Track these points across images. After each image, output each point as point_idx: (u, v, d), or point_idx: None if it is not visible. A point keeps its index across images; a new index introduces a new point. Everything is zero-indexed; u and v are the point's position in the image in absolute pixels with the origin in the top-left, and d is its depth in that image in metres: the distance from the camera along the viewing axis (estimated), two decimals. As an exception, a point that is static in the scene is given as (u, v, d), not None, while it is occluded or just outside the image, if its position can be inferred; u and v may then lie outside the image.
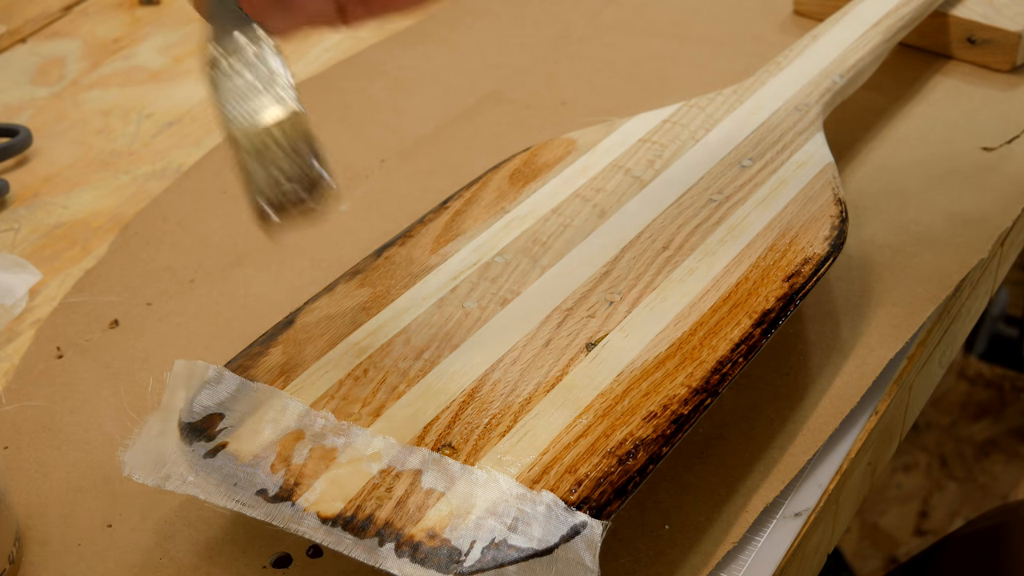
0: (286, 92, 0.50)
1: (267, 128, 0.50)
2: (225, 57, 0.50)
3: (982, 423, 1.73)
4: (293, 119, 0.50)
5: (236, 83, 0.50)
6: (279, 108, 0.50)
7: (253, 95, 0.50)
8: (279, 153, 0.50)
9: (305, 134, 0.50)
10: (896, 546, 1.57)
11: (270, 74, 0.50)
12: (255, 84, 0.50)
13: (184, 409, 0.55)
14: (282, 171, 0.50)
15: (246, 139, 0.50)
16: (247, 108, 0.50)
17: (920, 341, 0.69)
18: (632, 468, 0.53)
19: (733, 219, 0.67)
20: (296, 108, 0.50)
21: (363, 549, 0.50)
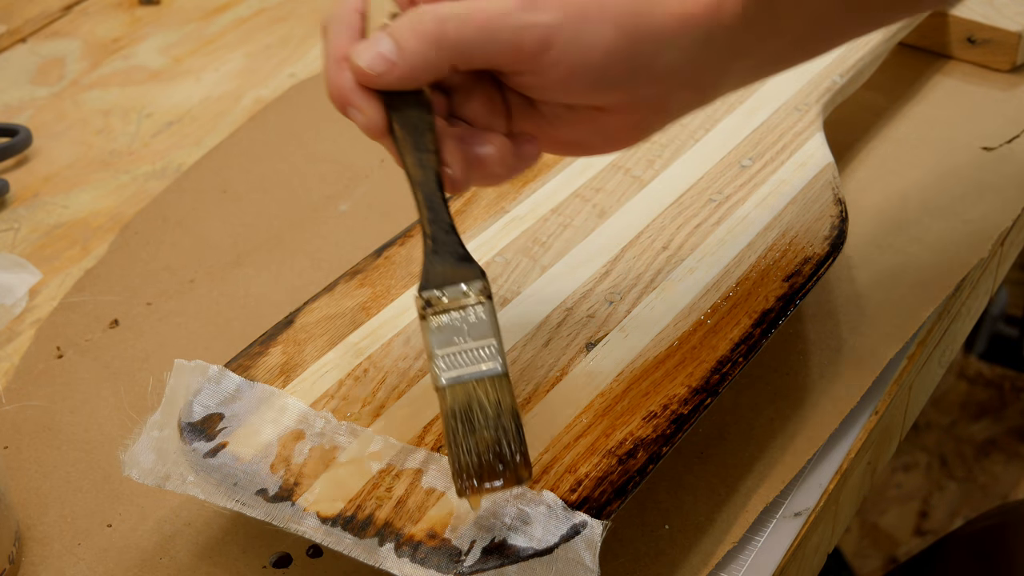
0: (498, 352, 0.49)
1: (472, 389, 0.49)
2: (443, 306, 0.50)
3: (982, 423, 1.73)
4: (502, 384, 0.49)
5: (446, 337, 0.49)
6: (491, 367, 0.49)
7: (463, 352, 0.49)
8: (480, 420, 0.49)
9: (511, 404, 0.49)
10: (896, 546, 1.57)
11: (484, 330, 0.49)
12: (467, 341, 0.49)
13: (184, 409, 0.55)
14: (481, 438, 0.49)
15: (451, 400, 0.49)
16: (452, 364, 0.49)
17: (920, 341, 0.69)
18: (632, 468, 0.53)
19: (733, 219, 0.67)
20: (505, 371, 0.49)
21: (363, 549, 0.50)
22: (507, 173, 0.53)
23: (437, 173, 0.51)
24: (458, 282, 0.50)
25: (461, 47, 0.49)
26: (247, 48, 0.98)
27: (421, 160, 0.51)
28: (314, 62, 0.96)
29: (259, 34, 1.00)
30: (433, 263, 0.50)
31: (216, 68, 0.96)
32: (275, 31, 1.00)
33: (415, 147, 0.51)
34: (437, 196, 0.51)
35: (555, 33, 0.49)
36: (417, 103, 0.51)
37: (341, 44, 0.52)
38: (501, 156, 0.52)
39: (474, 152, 0.52)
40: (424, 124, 0.51)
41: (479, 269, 0.50)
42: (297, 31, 1.00)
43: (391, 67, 0.50)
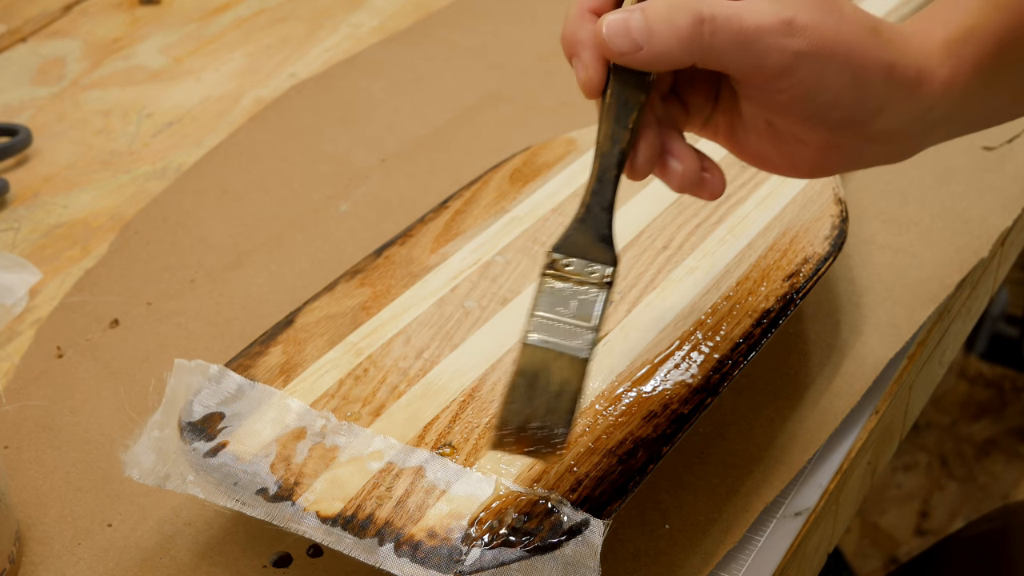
0: (588, 338, 0.50)
1: (552, 359, 0.50)
2: (563, 273, 0.50)
3: (982, 423, 1.73)
4: (577, 366, 0.50)
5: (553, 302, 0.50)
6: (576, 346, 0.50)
7: (561, 322, 0.50)
8: (543, 388, 0.49)
9: (576, 387, 0.49)
10: (896, 546, 1.57)
11: (589, 312, 0.50)
12: (567, 312, 0.50)
13: (184, 408, 0.55)
14: (536, 405, 0.49)
15: (527, 356, 0.50)
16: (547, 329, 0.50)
17: (920, 341, 0.69)
18: (632, 468, 0.53)
19: (733, 219, 0.67)
20: (587, 357, 0.50)
21: (363, 549, 0.50)
22: (682, 188, 0.54)
23: (623, 151, 0.51)
24: (590, 259, 0.50)
25: (709, 51, 0.49)
26: (247, 48, 0.98)
27: (615, 134, 0.51)
28: (314, 62, 0.96)
29: (259, 34, 1.00)
30: (576, 230, 0.51)
31: (216, 68, 0.96)
32: (275, 31, 1.00)
33: (616, 120, 0.51)
34: (612, 172, 0.51)
35: (799, 63, 0.50)
36: (638, 80, 0.51)
37: None
38: (684, 174, 0.53)
39: (665, 157, 0.53)
40: (634, 102, 0.51)
41: (614, 256, 0.51)
42: (297, 31, 1.00)
43: (635, 49, 0.49)
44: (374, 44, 0.98)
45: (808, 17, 0.49)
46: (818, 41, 0.50)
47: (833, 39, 0.50)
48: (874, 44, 0.51)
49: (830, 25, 0.50)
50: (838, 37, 0.50)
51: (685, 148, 0.53)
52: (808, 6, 0.50)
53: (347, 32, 1.00)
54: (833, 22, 0.50)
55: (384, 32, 0.99)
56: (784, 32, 0.49)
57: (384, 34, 0.99)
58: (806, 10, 0.50)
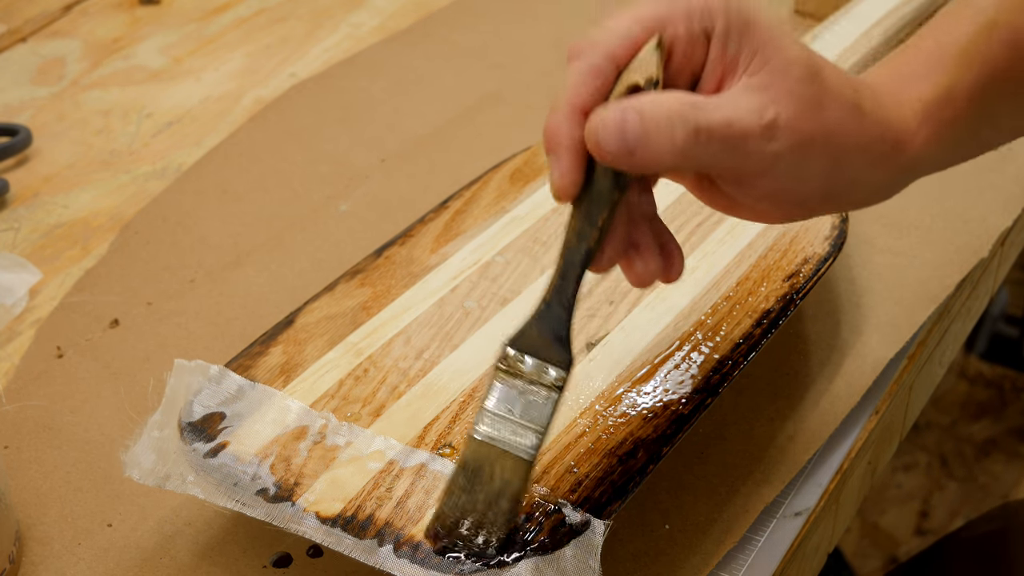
0: (533, 440, 0.49)
1: (496, 456, 0.49)
2: (515, 370, 0.50)
3: (982, 423, 1.73)
4: (520, 468, 0.49)
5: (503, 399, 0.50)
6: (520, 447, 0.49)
7: (508, 420, 0.50)
8: (485, 484, 0.50)
9: (517, 489, 0.49)
10: (896, 546, 1.57)
11: (537, 414, 0.50)
12: (516, 411, 0.50)
13: (184, 409, 0.55)
14: (476, 500, 0.50)
15: (472, 450, 0.50)
16: (494, 425, 0.50)
17: (920, 341, 0.69)
18: (632, 468, 0.53)
19: (733, 219, 0.67)
20: (529, 460, 0.49)
21: (363, 549, 0.50)
22: (641, 285, 0.53)
23: (590, 250, 0.50)
24: (544, 359, 0.50)
25: (698, 158, 0.48)
26: (247, 48, 0.98)
27: (583, 231, 0.50)
28: (314, 62, 0.96)
29: (259, 34, 1.00)
30: (534, 326, 0.50)
31: (216, 68, 0.96)
32: (275, 31, 1.00)
33: (586, 217, 0.50)
34: (575, 270, 0.50)
35: (777, 162, 0.49)
36: (615, 179, 0.49)
37: (584, 95, 0.49)
38: (644, 274, 0.52)
39: (630, 253, 0.52)
40: (606, 200, 0.49)
41: (569, 359, 0.50)
42: (297, 31, 1.00)
43: (627, 155, 0.47)
44: (374, 44, 0.98)
45: (790, 112, 0.48)
46: (798, 138, 0.49)
47: (812, 133, 0.49)
48: (855, 125, 0.50)
49: (812, 117, 0.49)
50: (819, 129, 0.49)
51: (649, 246, 0.52)
52: (792, 97, 0.48)
53: (347, 32, 1.00)
54: (813, 114, 0.49)
55: (384, 32, 0.99)
56: (767, 135, 0.48)
57: (384, 34, 0.99)
58: (789, 104, 0.48)
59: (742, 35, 0.49)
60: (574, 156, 0.49)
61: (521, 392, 0.50)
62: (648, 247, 0.52)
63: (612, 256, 0.51)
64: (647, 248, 0.52)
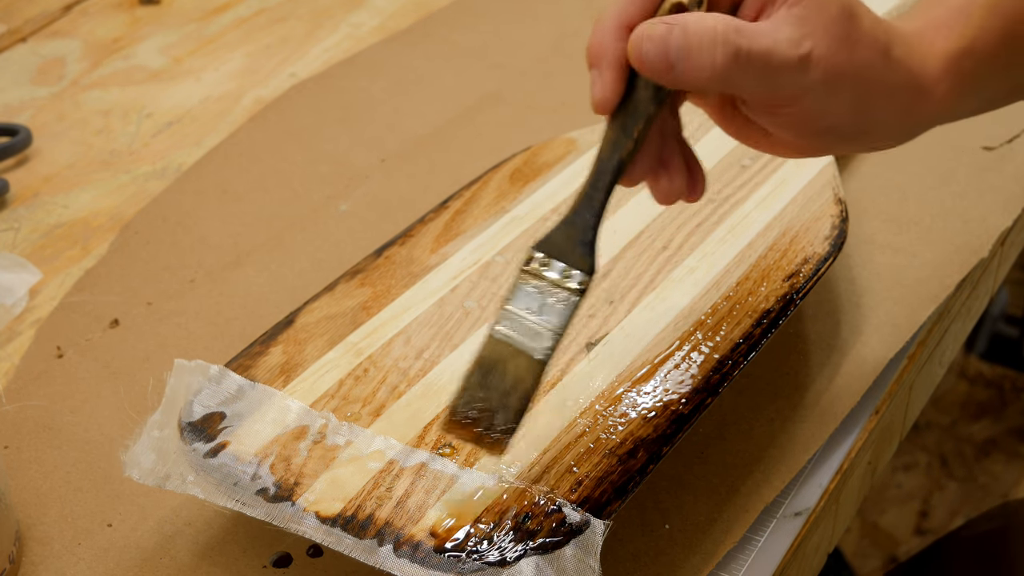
0: (548, 341, 0.50)
1: (511, 354, 0.50)
2: (539, 272, 0.51)
3: (982, 423, 1.73)
4: (533, 367, 0.50)
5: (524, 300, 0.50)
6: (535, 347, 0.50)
7: (527, 321, 0.50)
8: (498, 381, 0.50)
9: (529, 387, 0.50)
10: (896, 546, 1.57)
11: (555, 316, 0.50)
12: (535, 312, 0.50)
13: (184, 409, 0.55)
14: (488, 396, 0.50)
15: (489, 347, 0.50)
16: (513, 325, 0.50)
17: (920, 341, 0.69)
18: (632, 468, 0.53)
19: (733, 219, 0.67)
20: (543, 359, 0.50)
21: (363, 549, 0.50)
22: (666, 201, 0.54)
23: (622, 160, 0.51)
24: (569, 263, 0.50)
25: (734, 80, 0.49)
26: (247, 48, 0.98)
27: (618, 141, 0.51)
28: (314, 62, 0.96)
29: (259, 34, 1.00)
30: (561, 231, 0.51)
31: (216, 68, 0.96)
32: (275, 31, 1.00)
33: (622, 128, 0.51)
34: (607, 178, 0.51)
35: (806, 94, 0.50)
36: (654, 92, 0.51)
37: (632, 11, 0.51)
38: (671, 190, 0.54)
39: (658, 170, 0.53)
40: (643, 113, 0.51)
41: (592, 264, 0.51)
42: (297, 31, 1.00)
43: (667, 68, 0.49)
44: (374, 44, 0.98)
45: (824, 48, 0.50)
46: (829, 73, 0.50)
47: (843, 69, 0.50)
48: (882, 68, 0.51)
49: (844, 55, 0.50)
50: (849, 67, 0.50)
51: (678, 163, 0.53)
52: (827, 33, 0.50)
53: (347, 32, 1.00)
54: (846, 51, 0.50)
55: (384, 32, 0.99)
56: (800, 68, 0.49)
57: (384, 34, 0.99)
58: (824, 39, 0.50)
59: None
60: (616, 70, 0.50)
61: (543, 294, 0.50)
62: (676, 165, 0.53)
63: (643, 170, 0.52)
64: (675, 166, 0.53)
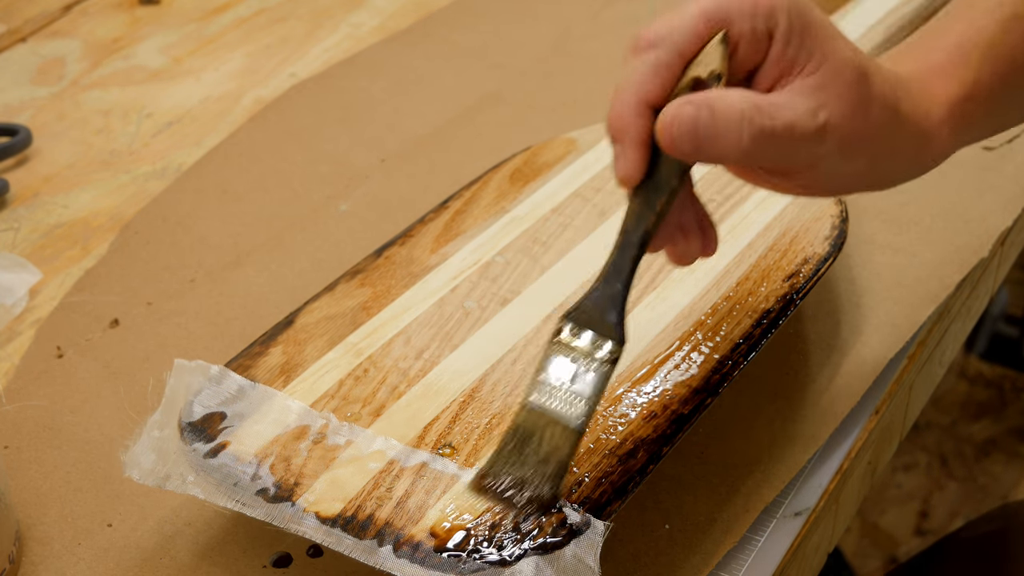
0: (583, 410, 0.51)
1: (545, 425, 0.51)
2: (571, 343, 0.52)
3: (982, 423, 1.73)
4: (569, 436, 0.51)
5: (557, 370, 0.51)
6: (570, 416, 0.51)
7: (560, 390, 0.51)
8: (534, 450, 0.51)
9: (566, 455, 0.51)
10: (896, 546, 1.57)
11: (588, 386, 0.51)
12: (568, 382, 0.51)
13: (185, 409, 0.55)
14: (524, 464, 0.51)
15: (524, 417, 0.51)
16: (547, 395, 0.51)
17: (920, 341, 0.69)
18: (632, 468, 0.53)
19: (733, 219, 0.67)
20: (578, 428, 0.51)
21: (363, 549, 0.50)
22: (680, 263, 0.55)
23: (647, 231, 0.52)
24: (600, 333, 0.51)
25: (757, 156, 0.50)
26: (247, 48, 0.98)
27: (642, 215, 0.52)
28: (314, 62, 0.96)
29: (259, 34, 1.00)
30: (591, 301, 0.52)
31: (216, 68, 0.96)
32: (275, 31, 1.00)
33: (645, 202, 0.51)
34: (632, 250, 0.52)
35: (822, 161, 0.51)
36: (676, 169, 0.51)
37: (653, 90, 0.51)
38: (686, 253, 0.54)
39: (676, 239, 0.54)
40: (667, 187, 0.51)
41: (622, 336, 0.51)
42: (297, 31, 1.00)
43: (695, 151, 0.49)
44: (374, 44, 0.98)
45: (839, 116, 0.50)
46: (845, 140, 0.51)
47: (857, 134, 0.51)
48: (895, 127, 0.52)
49: (859, 121, 0.51)
50: (863, 130, 0.51)
51: (693, 227, 0.54)
52: (842, 100, 0.50)
53: (347, 32, 1.00)
54: (860, 116, 0.51)
55: (384, 32, 0.99)
56: (818, 139, 0.50)
57: (384, 34, 0.99)
58: (839, 107, 0.50)
59: (803, 35, 0.50)
60: (640, 147, 0.51)
61: (574, 364, 0.51)
62: (693, 229, 0.54)
63: (664, 238, 0.54)
64: (691, 230, 0.54)
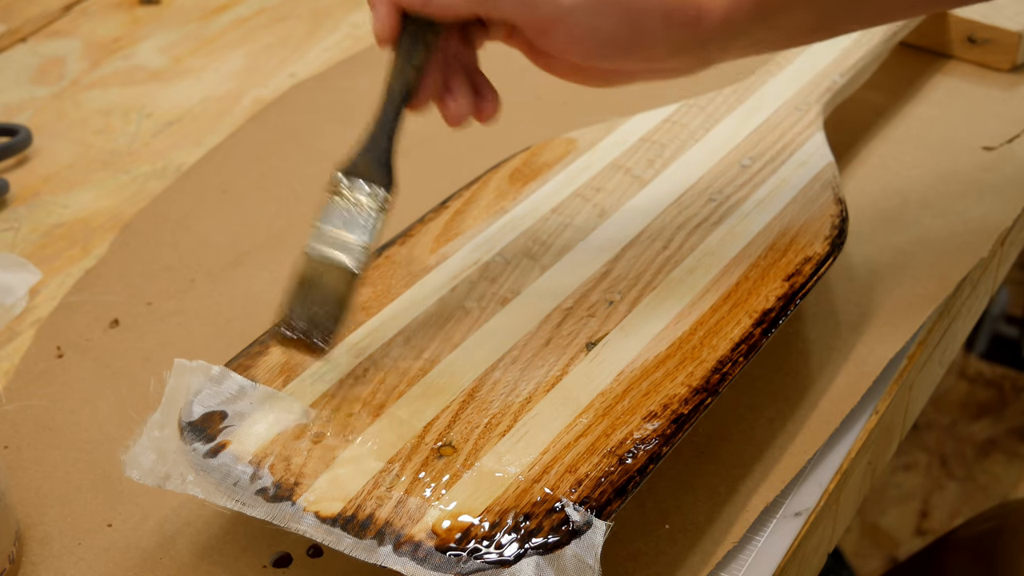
0: (360, 252, 0.56)
1: (326, 269, 0.56)
2: (345, 192, 0.57)
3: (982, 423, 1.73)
4: (350, 277, 0.56)
5: (334, 218, 0.57)
6: (348, 260, 0.56)
7: (337, 236, 0.56)
8: (318, 294, 0.56)
9: (344, 295, 0.56)
10: (896, 546, 1.57)
11: (363, 232, 0.56)
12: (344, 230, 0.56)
13: (184, 409, 0.55)
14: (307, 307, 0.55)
15: (305, 264, 0.56)
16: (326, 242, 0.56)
17: (920, 341, 0.69)
18: (632, 468, 0.53)
19: (733, 219, 0.67)
20: (355, 270, 0.56)
21: (363, 549, 0.50)
22: (455, 123, 0.60)
23: (408, 85, 0.58)
24: (370, 180, 0.57)
25: (490, 4, 0.55)
26: (247, 48, 0.98)
27: (402, 70, 0.57)
28: (314, 62, 0.96)
29: (259, 34, 1.00)
30: (361, 155, 0.57)
31: (216, 68, 0.96)
32: (275, 31, 1.00)
33: (404, 57, 0.57)
34: (395, 104, 0.58)
35: (569, 14, 0.56)
36: (428, 25, 0.57)
37: None
38: (457, 112, 0.59)
39: (444, 94, 0.59)
40: (421, 42, 0.57)
41: (390, 180, 0.57)
42: (297, 31, 1.00)
43: (425, 3, 0.55)
44: (374, 44, 0.97)
45: None
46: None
47: None
48: None
49: None
50: None
51: (464, 88, 0.59)
52: None
53: (347, 32, 1.00)
54: None
55: (384, 32, 0.99)
56: None
57: (384, 34, 0.99)
58: None
59: None
60: (389, 7, 0.56)
61: (351, 212, 0.56)
62: (462, 89, 0.59)
63: (428, 95, 0.59)
64: (461, 90, 0.59)
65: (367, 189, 0.57)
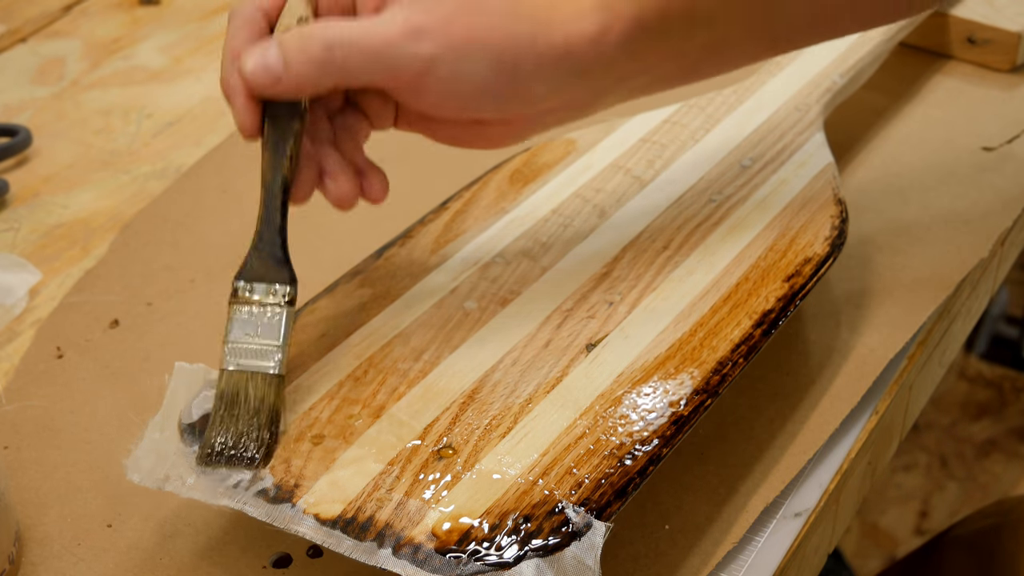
0: (277, 355, 0.55)
1: (247, 380, 0.54)
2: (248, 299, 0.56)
3: (982, 423, 1.73)
4: (273, 382, 0.55)
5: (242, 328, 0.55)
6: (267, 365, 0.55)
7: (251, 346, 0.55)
8: (244, 407, 0.54)
9: (273, 401, 0.54)
10: (896, 546, 1.57)
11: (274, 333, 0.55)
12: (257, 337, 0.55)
13: (184, 411, 0.55)
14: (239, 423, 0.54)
15: (226, 382, 0.54)
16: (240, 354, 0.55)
17: (920, 341, 0.69)
18: (632, 469, 0.53)
19: (733, 219, 0.67)
20: (278, 372, 0.55)
21: (363, 551, 0.50)
22: (341, 205, 0.58)
23: (285, 178, 0.55)
24: (270, 281, 0.55)
25: (345, 71, 0.53)
26: (247, 48, 0.98)
27: (275, 163, 0.55)
28: (314, 62, 0.96)
29: (259, 34, 1.00)
30: (254, 257, 0.56)
31: (216, 68, 0.96)
32: (275, 31, 1.00)
33: (274, 150, 0.55)
34: (276, 199, 0.55)
35: (433, 66, 0.52)
36: (291, 111, 0.55)
37: (238, 42, 0.54)
38: (339, 193, 0.57)
39: (323, 178, 0.57)
40: (290, 132, 0.55)
41: (290, 275, 0.55)
42: (297, 31, 1.00)
43: (275, 81, 0.53)
44: (374, 44, 0.98)
45: (436, 19, 0.52)
46: (448, 41, 0.52)
47: (465, 35, 0.52)
48: (512, 27, 0.53)
49: (461, 22, 0.52)
50: (471, 32, 0.52)
51: (341, 168, 0.57)
52: (441, 6, 0.52)
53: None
54: (464, 18, 0.52)
55: (384, 32, 0.99)
56: (411, 38, 0.52)
57: (384, 34, 0.99)
58: (437, 12, 0.52)
59: None
60: (245, 98, 0.54)
61: (256, 317, 0.55)
62: (339, 171, 0.57)
63: (305, 181, 0.57)
64: (339, 171, 0.57)
65: (268, 289, 0.55)
